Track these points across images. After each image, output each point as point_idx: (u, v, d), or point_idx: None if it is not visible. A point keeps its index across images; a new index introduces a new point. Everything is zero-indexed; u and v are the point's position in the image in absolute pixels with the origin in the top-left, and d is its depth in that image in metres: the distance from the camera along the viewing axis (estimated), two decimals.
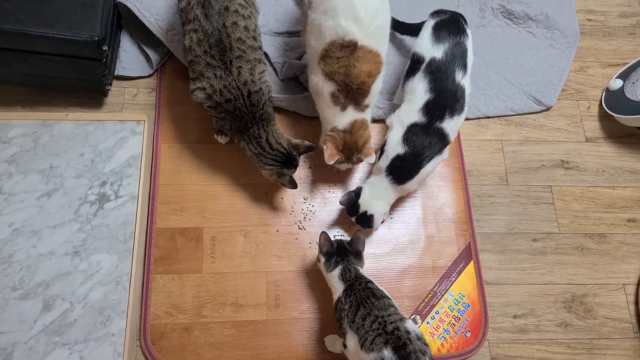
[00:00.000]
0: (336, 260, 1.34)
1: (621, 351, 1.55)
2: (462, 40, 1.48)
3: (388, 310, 1.23)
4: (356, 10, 1.30)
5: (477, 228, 1.65)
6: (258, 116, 1.40)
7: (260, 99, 1.40)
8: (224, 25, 1.33)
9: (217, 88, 1.35)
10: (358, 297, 1.26)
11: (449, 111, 1.42)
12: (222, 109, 1.38)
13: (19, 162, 1.47)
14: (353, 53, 1.34)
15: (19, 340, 1.30)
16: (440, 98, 1.42)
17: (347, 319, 1.25)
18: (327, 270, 1.35)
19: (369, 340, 1.18)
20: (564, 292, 1.60)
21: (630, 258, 1.67)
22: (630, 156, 1.81)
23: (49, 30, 1.39)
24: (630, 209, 1.73)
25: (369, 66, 1.36)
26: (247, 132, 1.42)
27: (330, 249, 1.36)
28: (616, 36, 2.00)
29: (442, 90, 1.43)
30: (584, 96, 1.89)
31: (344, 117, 1.42)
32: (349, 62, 1.34)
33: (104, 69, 1.53)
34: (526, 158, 1.76)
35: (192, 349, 1.42)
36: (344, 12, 1.31)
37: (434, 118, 1.42)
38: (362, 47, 1.34)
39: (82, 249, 1.41)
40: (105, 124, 1.55)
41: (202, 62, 1.34)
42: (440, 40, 1.47)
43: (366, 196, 1.46)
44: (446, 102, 1.42)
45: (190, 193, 1.58)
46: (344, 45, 1.33)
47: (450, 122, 1.43)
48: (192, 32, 1.35)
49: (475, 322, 1.53)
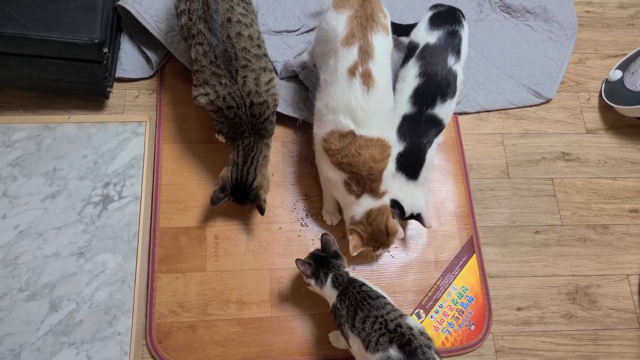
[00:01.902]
0: (324, 272, 1.31)
1: (626, 341, 1.55)
2: (456, 29, 1.50)
3: (386, 309, 1.23)
4: (354, 111, 1.30)
5: (479, 221, 1.65)
6: (256, 129, 1.41)
7: (263, 113, 1.39)
8: (228, 36, 1.34)
9: (221, 94, 1.35)
10: (354, 301, 1.25)
11: (440, 96, 1.44)
12: (222, 114, 1.38)
13: (23, 165, 1.48)
14: (354, 142, 1.31)
15: (27, 341, 1.32)
16: (431, 83, 1.44)
17: (347, 324, 1.24)
18: (321, 287, 1.32)
19: (373, 342, 1.17)
20: (568, 283, 1.60)
21: (633, 248, 1.66)
22: (631, 147, 1.81)
23: (49, 33, 1.40)
24: (632, 200, 1.73)
25: (374, 152, 1.32)
26: (242, 141, 1.41)
27: (312, 268, 1.33)
28: (615, 27, 2.00)
29: (432, 74, 1.44)
30: (584, 88, 1.89)
31: (359, 207, 1.37)
32: (351, 151, 1.31)
33: (104, 71, 1.54)
34: (527, 151, 1.77)
35: (198, 347, 1.43)
36: (343, 110, 1.31)
37: (425, 105, 1.43)
38: (362, 136, 1.31)
39: (87, 250, 1.42)
40: (107, 125, 1.56)
41: (207, 71, 1.35)
42: (435, 27, 1.51)
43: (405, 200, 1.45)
44: (437, 87, 1.44)
45: (193, 192, 1.59)
46: (342, 135, 1.32)
47: (442, 107, 1.45)
48: (197, 45, 1.35)
49: (479, 315, 1.53)
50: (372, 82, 1.30)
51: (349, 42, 1.32)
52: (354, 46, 1.31)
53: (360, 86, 1.30)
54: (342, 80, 1.32)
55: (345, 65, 1.31)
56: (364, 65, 1.30)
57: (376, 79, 1.31)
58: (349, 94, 1.30)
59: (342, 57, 1.32)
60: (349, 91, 1.31)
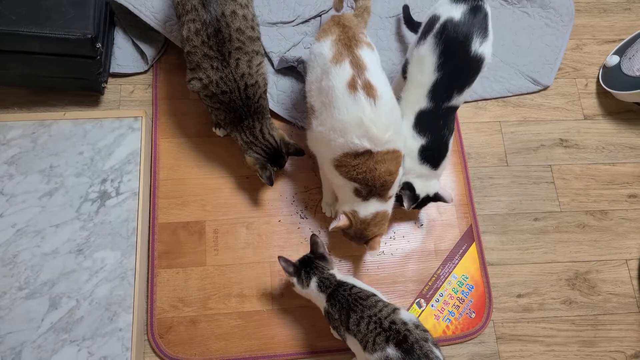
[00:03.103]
0: (306, 273, 1.31)
1: (626, 326, 1.56)
2: (481, 4, 1.34)
3: (378, 306, 1.22)
4: (367, 128, 1.24)
5: (478, 210, 1.65)
6: (253, 109, 1.41)
7: (256, 93, 1.39)
8: (222, 14, 1.32)
9: (213, 79, 1.35)
10: (345, 304, 1.25)
11: (458, 88, 1.36)
12: (217, 99, 1.38)
13: (19, 163, 1.48)
14: (371, 158, 1.27)
15: (28, 339, 1.32)
16: (451, 76, 1.34)
17: (342, 327, 1.25)
18: (303, 288, 1.32)
19: (370, 342, 1.18)
20: (567, 269, 1.61)
21: (632, 233, 1.67)
22: (629, 132, 1.80)
23: (41, 29, 1.39)
24: (631, 185, 1.73)
25: (389, 165, 1.29)
26: (241, 123, 1.42)
27: (295, 267, 1.33)
28: (612, 12, 1.99)
29: (452, 67, 1.33)
30: (581, 74, 1.88)
31: (367, 209, 1.35)
32: (368, 167, 1.28)
33: (98, 67, 1.53)
34: (525, 138, 1.76)
35: (200, 341, 1.43)
36: (355, 131, 1.25)
37: (443, 99, 1.36)
38: (379, 152, 1.27)
39: (86, 247, 1.41)
40: (103, 121, 1.55)
41: (199, 52, 1.34)
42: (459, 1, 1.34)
43: (418, 184, 1.43)
44: (457, 80, 1.35)
45: (191, 187, 1.58)
46: (359, 154, 1.27)
47: (461, 96, 1.38)
48: (190, 22, 1.33)
49: (479, 303, 1.54)
50: (376, 92, 1.25)
51: (339, 60, 1.27)
52: (344, 62, 1.27)
53: (366, 99, 1.23)
54: (343, 97, 1.25)
55: (342, 82, 1.26)
56: (362, 77, 1.25)
57: (378, 89, 1.26)
58: (357, 111, 1.24)
59: (335, 75, 1.27)
60: (355, 108, 1.24)
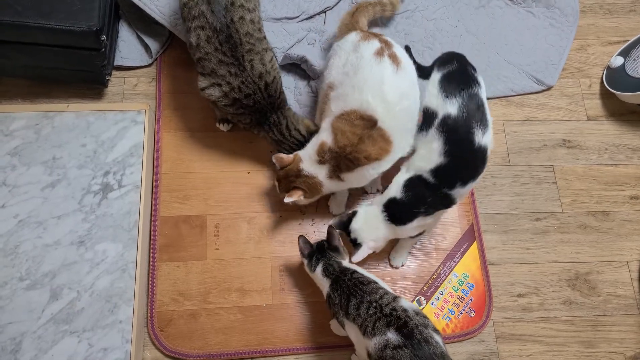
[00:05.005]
0: (317, 258, 1.34)
1: (626, 327, 1.56)
2: (476, 91, 1.31)
3: (379, 293, 1.23)
4: (384, 91, 1.28)
5: (479, 209, 1.65)
6: (277, 104, 1.43)
7: (277, 88, 1.41)
8: (232, 20, 1.32)
9: (234, 85, 1.35)
10: (345, 289, 1.26)
11: (460, 182, 1.30)
12: (240, 104, 1.38)
13: (22, 154, 1.48)
14: (369, 128, 1.29)
15: (28, 330, 1.32)
16: (454, 166, 1.28)
17: (341, 312, 1.25)
18: (310, 271, 1.35)
19: (370, 327, 1.18)
20: (568, 270, 1.61)
21: (634, 235, 1.67)
22: (632, 133, 1.80)
23: (46, 21, 1.39)
24: (633, 187, 1.73)
25: (373, 149, 1.29)
26: (266, 121, 1.43)
27: (310, 250, 1.37)
28: (616, 13, 1.98)
29: (457, 157, 1.28)
30: (585, 75, 1.88)
31: (312, 167, 1.36)
32: (361, 134, 1.28)
33: (103, 59, 1.53)
34: (528, 138, 1.76)
35: (199, 335, 1.43)
36: (372, 90, 1.28)
37: (443, 184, 1.30)
38: (380, 129, 1.29)
39: (87, 239, 1.42)
40: (106, 114, 1.55)
41: (213, 59, 1.33)
42: (452, 94, 1.30)
43: (359, 225, 1.36)
44: (460, 172, 1.30)
45: (193, 181, 1.58)
46: (364, 117, 1.29)
47: (461, 190, 1.31)
48: (198, 29, 1.33)
49: (479, 302, 1.54)
50: (400, 63, 1.33)
51: (368, 38, 1.37)
52: (374, 40, 1.36)
53: (390, 64, 1.31)
54: (369, 61, 1.32)
55: (370, 51, 1.33)
56: (389, 50, 1.34)
57: (403, 61, 1.34)
58: (380, 70, 1.30)
59: (364, 47, 1.35)
60: (379, 68, 1.31)
